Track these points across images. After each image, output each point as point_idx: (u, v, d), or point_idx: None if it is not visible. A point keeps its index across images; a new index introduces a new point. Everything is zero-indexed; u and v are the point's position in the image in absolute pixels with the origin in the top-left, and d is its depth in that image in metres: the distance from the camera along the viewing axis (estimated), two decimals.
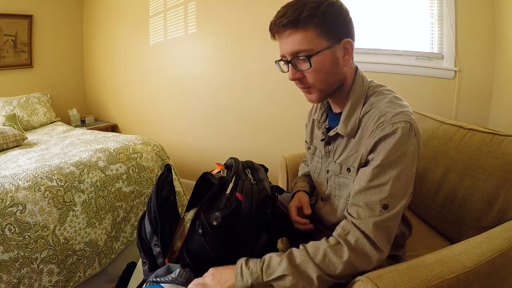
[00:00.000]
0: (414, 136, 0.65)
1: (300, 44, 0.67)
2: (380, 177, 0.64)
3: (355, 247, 0.62)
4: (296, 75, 0.71)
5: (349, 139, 0.75)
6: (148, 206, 0.83)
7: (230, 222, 0.75)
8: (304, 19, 0.65)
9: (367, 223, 0.63)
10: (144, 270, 0.83)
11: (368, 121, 0.70)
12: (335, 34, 0.68)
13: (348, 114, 0.74)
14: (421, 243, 0.99)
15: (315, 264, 0.62)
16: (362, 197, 0.66)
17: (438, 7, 1.54)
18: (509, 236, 0.70)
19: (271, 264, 0.64)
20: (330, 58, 0.69)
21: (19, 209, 1.15)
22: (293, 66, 0.71)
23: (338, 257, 0.62)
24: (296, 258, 0.63)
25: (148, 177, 1.63)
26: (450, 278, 0.58)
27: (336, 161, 0.79)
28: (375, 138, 0.65)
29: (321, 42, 0.67)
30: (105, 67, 3.05)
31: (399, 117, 0.65)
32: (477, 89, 1.49)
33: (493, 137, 0.93)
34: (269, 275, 0.63)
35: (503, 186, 0.87)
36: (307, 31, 0.66)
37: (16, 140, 1.85)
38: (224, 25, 2.18)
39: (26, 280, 1.12)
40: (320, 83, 0.71)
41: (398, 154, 0.64)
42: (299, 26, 0.66)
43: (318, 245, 0.64)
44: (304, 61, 0.68)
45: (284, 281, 0.62)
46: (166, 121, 2.68)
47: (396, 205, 0.64)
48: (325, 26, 0.66)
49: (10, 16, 2.57)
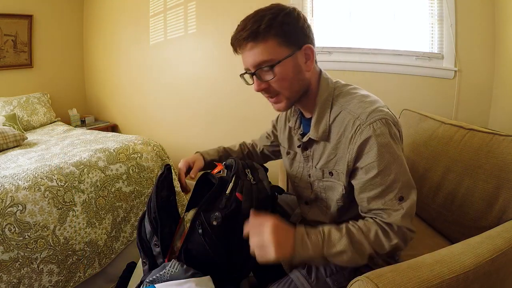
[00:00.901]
0: (393, 127, 0.68)
1: (262, 55, 0.68)
2: (385, 179, 0.66)
3: (398, 231, 0.66)
4: (261, 86, 0.73)
5: (325, 143, 0.76)
6: (148, 206, 0.83)
7: (230, 222, 0.75)
8: (263, 30, 0.67)
9: (395, 219, 0.66)
10: (144, 270, 0.83)
11: (342, 124, 0.71)
12: (294, 41, 0.70)
13: (317, 118, 0.75)
14: (421, 243, 0.99)
15: (369, 242, 0.66)
16: (379, 202, 0.68)
17: (438, 7, 1.54)
18: (509, 236, 0.70)
19: (331, 238, 0.66)
20: (293, 66, 0.70)
21: (19, 209, 1.15)
22: (258, 78, 0.72)
23: (388, 239, 0.66)
24: (355, 236, 0.66)
25: (148, 177, 1.63)
26: (450, 278, 0.58)
27: (316, 167, 0.80)
28: (357, 143, 0.67)
29: (282, 51, 0.69)
30: (105, 67, 3.05)
31: (373, 116, 0.66)
32: (477, 89, 1.49)
33: (493, 137, 0.94)
34: (330, 249, 0.65)
35: (503, 186, 0.87)
36: (267, 41, 0.67)
37: (16, 140, 1.85)
38: (224, 25, 2.17)
39: (26, 280, 1.12)
40: (286, 90, 0.73)
41: (389, 152, 0.66)
42: (258, 38, 0.67)
43: (370, 225, 0.67)
44: (267, 71, 0.70)
45: (342, 256, 0.65)
46: (166, 121, 2.68)
47: (409, 192, 0.68)
48: (284, 35, 0.68)
49: (10, 16, 2.57)
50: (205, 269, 0.74)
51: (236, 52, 0.74)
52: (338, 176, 0.75)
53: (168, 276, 0.71)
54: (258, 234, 0.64)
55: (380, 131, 0.65)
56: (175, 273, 0.71)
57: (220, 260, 0.75)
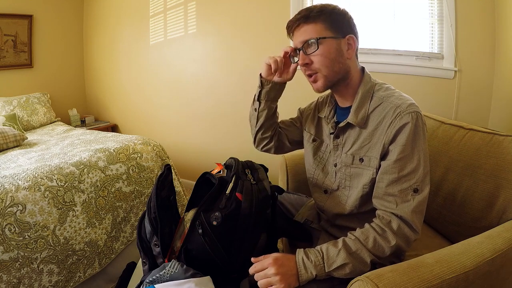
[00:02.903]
0: (425, 124, 0.74)
1: (310, 34, 0.77)
2: (408, 166, 0.71)
3: (398, 232, 0.69)
4: (305, 60, 0.79)
5: (360, 130, 0.79)
6: (148, 206, 0.83)
7: (230, 222, 0.75)
8: (314, 14, 0.77)
9: (405, 210, 0.70)
10: (144, 270, 0.83)
11: (382, 113, 0.76)
12: (340, 29, 0.78)
13: (358, 105, 0.80)
14: (421, 243, 0.99)
15: (368, 250, 0.69)
16: (396, 187, 0.72)
17: (438, 7, 1.54)
18: (509, 236, 0.70)
19: (330, 255, 0.70)
20: (335, 48, 0.77)
21: (19, 209, 1.15)
22: (303, 52, 0.79)
23: (387, 242, 0.69)
24: (352, 247, 0.70)
25: (148, 177, 1.63)
26: (450, 278, 0.58)
27: (347, 153, 0.82)
28: (395, 127, 0.72)
29: (328, 33, 0.77)
30: (105, 67, 3.05)
31: (412, 107, 0.72)
32: (477, 89, 1.49)
33: (493, 137, 0.94)
34: (330, 266, 0.69)
35: (503, 186, 0.87)
36: (316, 24, 0.77)
37: (16, 140, 1.85)
38: (224, 25, 2.18)
39: (26, 280, 1.12)
40: (325, 68, 0.78)
41: (418, 141, 0.71)
42: (309, 20, 0.77)
43: (367, 232, 0.71)
44: (312, 45, 0.77)
45: (344, 269, 0.68)
46: (166, 121, 2.68)
47: (424, 187, 0.72)
48: (331, 21, 0.77)
49: (10, 16, 2.57)
50: (205, 269, 0.74)
51: (289, 35, 0.84)
52: (370, 162, 0.77)
53: (168, 276, 0.71)
54: (263, 275, 0.69)
55: (416, 121, 0.71)
56: (175, 273, 0.71)
57: (220, 260, 0.75)
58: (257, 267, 0.71)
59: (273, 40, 1.98)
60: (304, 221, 0.98)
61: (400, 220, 0.70)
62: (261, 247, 0.83)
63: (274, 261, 0.69)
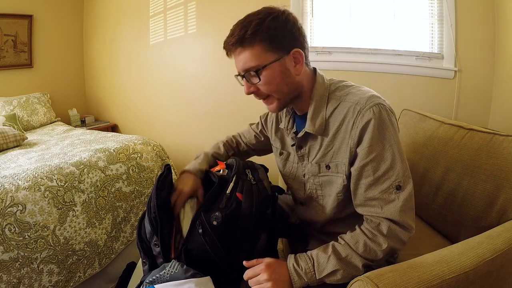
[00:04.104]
0: (391, 114, 0.69)
1: (249, 61, 0.70)
2: (382, 164, 0.67)
3: (389, 234, 0.66)
4: (250, 89, 0.75)
5: (322, 138, 0.76)
6: (148, 206, 0.83)
7: (230, 222, 0.75)
8: (249, 36, 0.68)
9: (392, 211, 0.66)
10: (144, 270, 0.83)
11: (341, 114, 0.71)
12: (281, 46, 0.70)
13: (314, 112, 0.75)
14: (421, 243, 0.99)
15: (359, 255, 0.67)
16: (375, 189, 0.68)
17: (438, 7, 1.54)
18: (509, 236, 0.70)
19: (320, 262, 0.68)
20: (280, 70, 0.71)
21: (19, 209, 1.15)
22: (247, 81, 0.74)
23: (378, 246, 0.66)
24: (341, 253, 0.67)
25: (148, 177, 1.63)
26: (450, 278, 0.58)
27: (312, 162, 0.80)
28: (359, 127, 0.67)
29: (269, 56, 0.69)
30: (105, 67, 3.05)
31: (372, 100, 0.67)
32: (477, 89, 1.49)
33: (493, 137, 0.93)
34: (321, 273, 0.67)
35: (503, 186, 0.87)
36: (253, 47, 0.69)
37: (16, 140, 1.85)
38: (224, 25, 2.16)
39: (26, 280, 1.12)
40: (275, 93, 0.73)
41: (387, 136, 0.67)
42: (245, 44, 0.69)
43: (357, 237, 0.68)
44: (254, 76, 0.71)
45: (335, 275, 0.67)
46: (166, 121, 2.68)
47: (407, 181, 0.67)
48: (270, 41, 0.68)
49: (10, 16, 2.57)
50: (205, 269, 0.74)
51: (228, 56, 0.76)
52: (337, 168, 0.74)
53: (168, 276, 0.71)
54: (256, 281, 0.68)
55: (379, 115, 0.66)
56: (175, 274, 0.71)
57: (220, 260, 0.75)
58: (249, 274, 0.70)
59: None
60: (299, 222, 0.98)
61: (390, 222, 0.67)
62: (261, 247, 0.83)
63: (266, 267, 0.68)
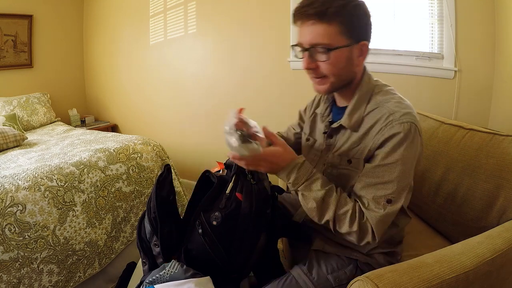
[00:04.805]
0: (419, 136, 0.70)
1: (321, 37, 0.68)
2: (387, 174, 0.68)
3: (362, 224, 0.69)
4: (311, 65, 0.72)
5: (351, 132, 0.77)
6: (148, 206, 0.83)
7: (230, 222, 0.75)
8: (330, 13, 0.66)
9: (372, 216, 0.69)
10: (144, 270, 0.83)
11: (375, 118, 0.72)
12: (355, 35, 0.70)
13: (353, 108, 0.76)
14: (421, 243, 0.99)
15: (334, 213, 0.70)
16: (370, 191, 0.70)
17: (438, 7, 1.54)
18: (509, 236, 0.70)
19: (312, 185, 0.71)
20: (346, 56, 0.71)
21: (19, 209, 1.15)
22: (309, 56, 0.71)
23: (350, 224, 0.69)
24: (330, 196, 0.70)
25: (148, 177, 1.63)
26: (450, 278, 0.58)
27: (335, 153, 0.80)
28: (384, 135, 0.69)
29: (341, 39, 0.69)
30: (105, 67, 3.05)
31: (406, 117, 0.68)
32: (477, 89, 1.49)
33: (493, 137, 0.94)
34: (304, 189, 0.71)
35: (503, 186, 0.87)
36: (330, 25, 0.67)
37: (16, 140, 1.85)
38: (225, 24, 2.18)
39: (26, 280, 1.12)
40: (333, 76, 0.73)
41: (404, 154, 0.68)
42: (324, 19, 0.67)
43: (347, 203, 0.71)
44: (322, 52, 0.70)
45: (307, 201, 0.72)
46: (166, 121, 2.68)
47: (398, 200, 0.69)
48: (348, 25, 0.68)
49: (10, 16, 2.57)
50: (205, 269, 0.74)
51: (295, 23, 0.73)
52: (358, 165, 0.75)
53: (168, 276, 0.71)
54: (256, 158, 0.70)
55: (406, 133, 0.67)
56: (175, 274, 0.71)
57: (220, 260, 0.75)
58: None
59: (273, 40, 1.98)
60: (302, 221, 0.98)
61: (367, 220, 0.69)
62: (261, 247, 0.83)
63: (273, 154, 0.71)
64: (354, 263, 0.81)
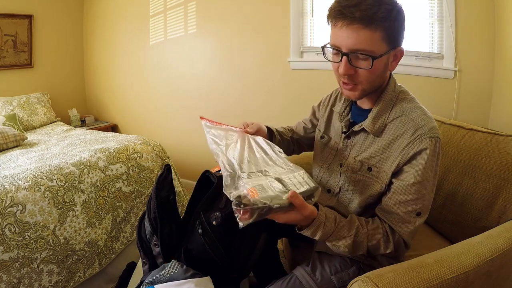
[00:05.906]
0: (440, 148, 0.72)
1: (364, 43, 0.64)
2: (420, 191, 0.70)
3: (395, 243, 0.72)
4: (349, 71, 0.68)
5: (374, 138, 0.76)
6: (148, 206, 0.83)
7: (230, 222, 0.75)
8: (379, 19, 0.62)
9: (404, 231, 0.71)
10: (144, 270, 0.83)
11: (401, 128, 0.72)
12: (394, 40, 0.68)
13: (378, 113, 0.75)
14: (421, 243, 0.99)
15: (368, 246, 0.71)
16: (402, 208, 0.71)
17: (438, 7, 1.53)
18: (509, 236, 0.70)
19: (340, 233, 0.69)
20: (384, 63, 0.69)
21: (19, 209, 1.15)
22: (349, 61, 0.67)
23: (386, 247, 0.71)
24: (359, 235, 0.70)
25: (148, 177, 1.63)
26: (450, 278, 0.58)
27: (356, 158, 0.79)
28: (414, 149, 0.69)
29: (383, 46, 0.66)
30: (105, 67, 3.05)
31: (434, 132, 0.69)
32: (477, 89, 1.49)
33: (493, 137, 0.94)
34: (332, 240, 0.70)
35: (503, 186, 0.87)
36: (375, 31, 0.63)
37: (16, 140, 1.85)
38: (225, 24, 2.18)
39: (26, 280, 1.12)
40: (368, 83, 0.71)
41: (433, 169, 0.70)
42: (372, 25, 0.62)
43: (377, 231, 0.72)
44: (364, 59, 0.66)
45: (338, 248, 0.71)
46: (166, 121, 2.68)
47: (427, 212, 0.73)
48: (390, 31, 0.65)
49: (10, 16, 2.57)
50: (205, 269, 0.74)
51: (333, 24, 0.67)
52: (379, 174, 0.74)
53: (168, 276, 0.71)
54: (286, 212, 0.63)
55: (434, 148, 0.68)
56: (175, 274, 0.71)
57: (220, 260, 0.75)
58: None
59: (274, 40, 1.98)
60: None
61: (399, 235, 0.72)
62: (261, 247, 0.83)
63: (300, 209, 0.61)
64: (357, 264, 0.81)
